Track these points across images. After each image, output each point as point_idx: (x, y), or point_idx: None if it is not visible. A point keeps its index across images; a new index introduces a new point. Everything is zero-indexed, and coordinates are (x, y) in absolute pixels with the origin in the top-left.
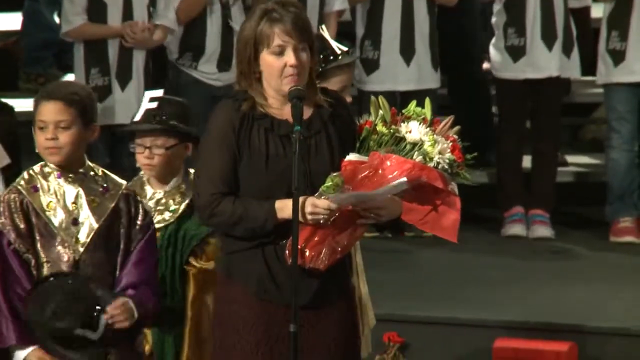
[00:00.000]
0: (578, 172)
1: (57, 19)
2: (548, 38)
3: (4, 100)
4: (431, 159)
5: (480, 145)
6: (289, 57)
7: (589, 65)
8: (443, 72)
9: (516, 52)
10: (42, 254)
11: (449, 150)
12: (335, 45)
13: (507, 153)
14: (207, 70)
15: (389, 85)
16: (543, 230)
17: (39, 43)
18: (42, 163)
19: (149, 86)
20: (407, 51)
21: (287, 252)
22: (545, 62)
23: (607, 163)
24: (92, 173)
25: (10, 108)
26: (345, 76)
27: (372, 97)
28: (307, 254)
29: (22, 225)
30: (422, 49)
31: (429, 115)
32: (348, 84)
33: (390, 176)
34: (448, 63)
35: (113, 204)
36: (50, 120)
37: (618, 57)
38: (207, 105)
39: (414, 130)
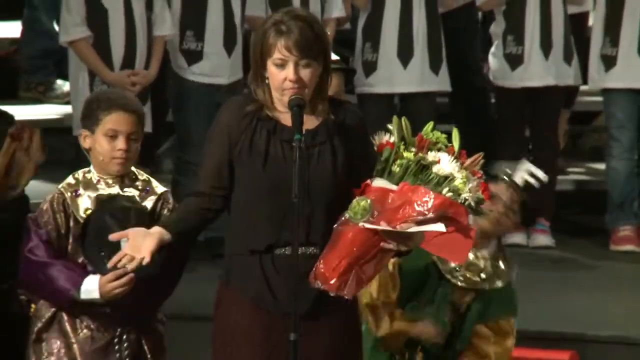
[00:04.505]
0: (578, 181)
1: (57, 27)
2: (545, 46)
3: (4, 108)
4: (460, 195)
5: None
6: (289, 72)
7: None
8: None
9: (514, 61)
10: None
11: (479, 189)
12: None
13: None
14: (214, 50)
15: (386, 87)
16: (543, 239)
17: (38, 51)
18: (85, 170)
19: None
20: (405, 54)
21: (312, 275)
22: (542, 71)
23: (607, 171)
24: (133, 177)
25: (11, 117)
26: (332, 82)
27: (395, 117)
28: (334, 282)
29: (63, 226)
30: (420, 51)
31: (456, 147)
32: (336, 91)
33: (421, 210)
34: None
35: (151, 206)
36: (124, 131)
37: (609, 62)
38: (212, 113)
39: (444, 163)
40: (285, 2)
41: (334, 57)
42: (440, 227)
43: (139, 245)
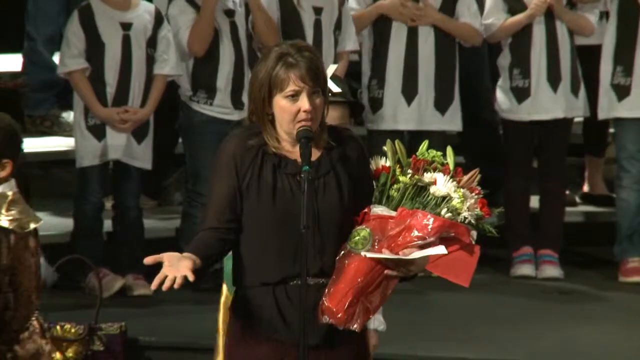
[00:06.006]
0: (587, 212)
1: (56, 59)
2: (553, 80)
3: None
4: (459, 214)
5: (488, 185)
6: (303, 103)
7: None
8: None
9: (521, 94)
10: None
11: (477, 206)
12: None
13: (515, 193)
14: (222, 105)
15: (390, 124)
16: (552, 270)
17: (39, 84)
18: None
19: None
20: (409, 91)
21: (320, 312)
22: (550, 104)
23: (617, 203)
24: None
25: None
26: (332, 114)
27: (389, 141)
28: (340, 316)
29: None
30: (425, 89)
31: (452, 165)
32: (339, 123)
33: (421, 235)
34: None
35: None
36: None
37: (622, 92)
38: None
39: (439, 183)
40: (298, 37)
41: (337, 89)
42: (441, 249)
43: (176, 266)
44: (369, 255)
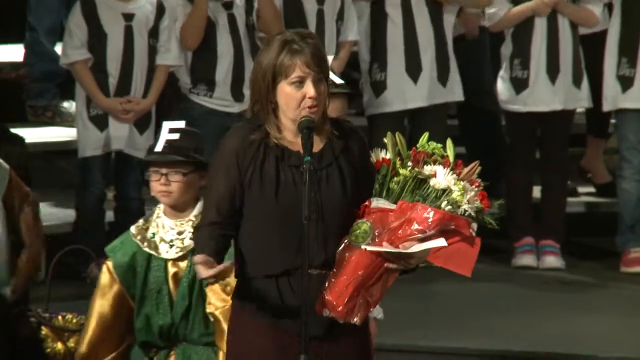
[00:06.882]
0: (589, 202)
1: (57, 50)
2: (552, 71)
3: (15, 131)
4: (459, 207)
5: (489, 176)
6: (309, 89)
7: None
8: None
9: (520, 85)
10: None
11: (477, 198)
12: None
13: (517, 184)
14: (222, 96)
15: (398, 105)
16: (553, 261)
17: (40, 74)
18: None
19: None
20: (413, 69)
21: (319, 304)
22: (548, 96)
23: (618, 193)
24: None
25: (21, 139)
26: (334, 106)
27: (389, 133)
28: (341, 309)
29: None
30: (428, 65)
31: (451, 157)
32: (339, 114)
33: (422, 228)
34: None
35: None
36: None
37: (626, 83)
38: (222, 136)
39: (439, 176)
40: (301, 26)
41: (338, 80)
42: (442, 242)
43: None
44: (369, 248)
